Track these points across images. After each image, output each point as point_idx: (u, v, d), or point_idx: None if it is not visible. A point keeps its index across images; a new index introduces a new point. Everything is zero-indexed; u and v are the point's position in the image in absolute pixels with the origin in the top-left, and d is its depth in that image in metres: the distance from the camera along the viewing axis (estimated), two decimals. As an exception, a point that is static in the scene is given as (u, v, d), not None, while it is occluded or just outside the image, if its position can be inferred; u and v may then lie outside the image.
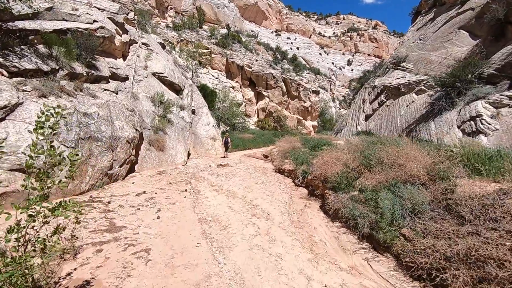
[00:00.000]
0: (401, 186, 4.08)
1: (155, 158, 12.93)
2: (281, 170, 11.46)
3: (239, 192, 7.78)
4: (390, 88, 17.22)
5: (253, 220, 5.39)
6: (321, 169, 6.63)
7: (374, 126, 17.00)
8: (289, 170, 10.44)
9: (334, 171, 6.14)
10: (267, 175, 10.87)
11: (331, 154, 6.86)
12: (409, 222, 3.55)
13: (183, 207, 6.18)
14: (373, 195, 4.39)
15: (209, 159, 16.95)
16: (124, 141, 10.08)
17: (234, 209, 6.16)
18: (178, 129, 16.32)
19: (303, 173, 8.49)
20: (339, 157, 6.62)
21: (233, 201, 6.88)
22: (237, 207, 6.38)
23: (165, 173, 10.97)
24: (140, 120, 12.60)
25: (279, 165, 11.71)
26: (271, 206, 6.36)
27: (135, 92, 15.21)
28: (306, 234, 4.71)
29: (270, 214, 5.72)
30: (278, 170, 11.65)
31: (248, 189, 8.10)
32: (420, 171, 4.13)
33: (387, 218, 3.76)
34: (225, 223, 5.21)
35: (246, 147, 26.03)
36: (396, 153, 4.86)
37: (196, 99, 23.38)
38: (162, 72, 18.47)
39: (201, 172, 11.81)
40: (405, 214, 3.66)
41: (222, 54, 41.69)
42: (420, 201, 3.62)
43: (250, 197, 7.14)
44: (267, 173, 11.62)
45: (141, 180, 9.20)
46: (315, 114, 44.91)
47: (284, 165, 11.27)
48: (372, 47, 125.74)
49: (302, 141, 14.92)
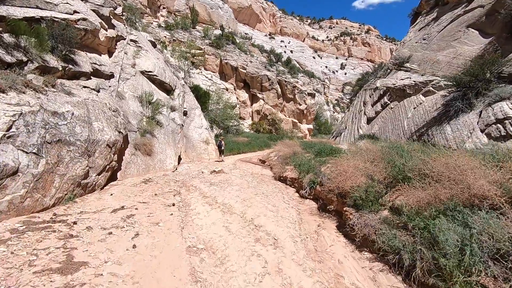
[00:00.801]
0: (464, 210, 2.98)
1: (142, 164, 11.63)
2: (281, 178, 10.30)
3: (237, 206, 6.57)
4: (394, 89, 16.29)
5: (257, 248, 4.20)
6: (337, 181, 5.50)
7: (378, 130, 16.01)
8: (291, 179, 9.29)
9: (355, 183, 5.02)
10: (266, 184, 9.69)
11: (348, 163, 5.74)
12: (494, 269, 2.45)
13: (168, 229, 4.93)
14: (423, 222, 3.27)
15: (202, 164, 15.70)
16: (104, 145, 8.78)
17: (232, 231, 4.95)
18: (168, 132, 15.04)
19: (311, 183, 7.36)
20: (358, 166, 5.50)
21: (230, 219, 5.67)
22: (235, 227, 5.17)
23: (152, 181, 9.68)
24: (125, 122, 11.31)
25: (280, 172, 10.55)
26: (277, 227, 5.17)
27: (120, 91, 13.92)
28: (331, 272, 3.55)
29: (278, 240, 4.53)
30: (279, 177, 10.48)
31: (247, 202, 6.90)
32: (490, 189, 3.04)
33: (454, 259, 2.65)
34: (221, 253, 4.00)
35: (240, 151, 24.82)
36: (444, 164, 3.76)
37: (188, 100, 22.12)
38: (151, 70, 17.20)
39: (192, 179, 10.56)
40: (484, 255, 2.56)
41: (215, 55, 40.52)
42: (506, 237, 2.52)
43: (251, 214, 5.94)
44: (266, 181, 10.44)
45: (122, 190, 7.91)
46: (311, 117, 44.01)
47: (285, 173, 10.12)
48: (365, 51, 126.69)
49: (303, 146, 13.81)
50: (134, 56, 17.18)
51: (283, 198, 7.53)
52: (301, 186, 8.16)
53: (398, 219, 3.84)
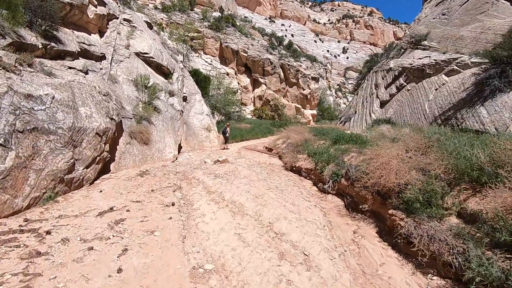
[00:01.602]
0: None
1: (138, 154, 10.54)
2: (294, 168, 9.23)
3: (249, 205, 5.52)
4: (411, 70, 14.95)
5: (284, 270, 3.13)
6: (375, 175, 4.41)
7: (393, 114, 14.79)
8: (307, 169, 8.21)
9: (403, 179, 3.93)
10: (278, 176, 8.62)
11: (388, 153, 4.62)
12: None
13: (166, 240, 3.88)
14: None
15: (204, 153, 14.61)
16: (93, 133, 7.66)
17: (247, 242, 3.91)
18: (166, 118, 13.87)
19: (334, 176, 6.28)
20: (402, 157, 4.39)
21: (242, 223, 4.63)
22: (251, 236, 4.12)
23: (149, 173, 8.61)
24: (118, 107, 10.13)
25: (291, 161, 9.46)
26: (304, 236, 4.10)
27: (113, 74, 12.67)
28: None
29: (309, 256, 3.48)
30: (290, 168, 9.41)
31: (261, 199, 5.84)
32: None
33: None
34: (236, 278, 2.94)
35: (243, 138, 23.68)
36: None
37: (188, 85, 20.80)
38: (147, 52, 15.84)
39: (194, 170, 9.50)
40: None
41: (215, 38, 38.67)
42: None
43: (268, 216, 4.88)
44: (276, 171, 9.37)
45: (114, 186, 6.85)
46: (315, 102, 42.56)
47: (298, 162, 9.03)
48: (367, 35, 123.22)
49: (313, 132, 12.66)
50: (128, 37, 15.80)
51: (301, 194, 6.48)
52: (320, 178, 7.09)
53: (478, 231, 2.78)
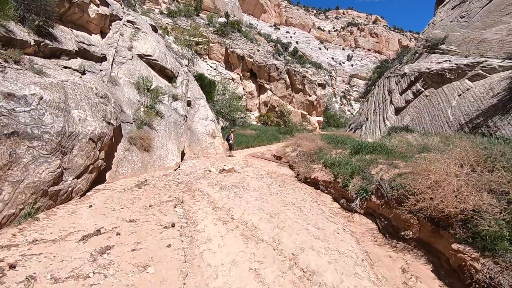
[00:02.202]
0: None
1: (137, 161, 9.71)
2: (308, 180, 8.31)
3: (264, 227, 4.61)
4: (429, 74, 14.05)
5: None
6: (426, 196, 3.51)
7: (410, 121, 13.84)
8: (325, 182, 7.29)
9: (469, 203, 3.02)
10: (292, 188, 7.71)
11: (440, 168, 3.70)
12: None
13: (161, 281, 2.98)
14: None
15: (208, 161, 13.77)
16: (86, 139, 6.84)
17: (268, 284, 2.99)
18: (169, 124, 13.08)
19: (361, 192, 5.36)
20: (458, 174, 3.50)
21: (258, 253, 3.72)
22: (271, 274, 3.20)
23: (148, 183, 7.75)
24: (117, 111, 9.35)
25: (305, 172, 8.55)
26: (341, 276, 3.16)
27: (114, 76, 11.95)
28: None
29: (356, 310, 2.61)
30: (304, 179, 8.49)
31: (277, 219, 4.93)
32: None
33: None
34: None
35: (249, 144, 22.83)
36: None
37: (192, 89, 20.09)
38: (150, 54, 15.17)
39: (198, 181, 8.63)
40: None
41: (220, 43, 38.19)
42: None
43: (289, 244, 3.96)
44: (289, 183, 8.46)
45: (107, 199, 5.99)
46: (321, 109, 41.72)
47: (314, 173, 8.12)
48: (372, 42, 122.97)
49: (326, 140, 11.77)
50: (131, 39, 15.15)
51: (323, 212, 5.56)
52: (342, 193, 6.18)
53: None
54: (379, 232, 4.63)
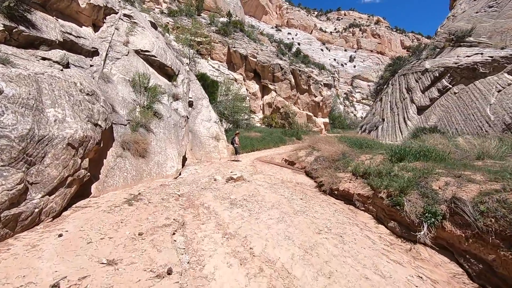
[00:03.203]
0: None
1: (131, 170, 8.32)
2: (336, 192, 6.91)
3: (300, 272, 3.20)
4: (458, 69, 12.58)
5: None
6: None
7: (437, 121, 12.37)
8: (361, 196, 5.88)
9: None
10: (317, 202, 6.31)
11: None
12: None
13: None
14: None
15: (213, 166, 12.38)
16: (63, 144, 5.47)
17: None
18: (169, 126, 11.72)
19: (428, 215, 3.92)
20: None
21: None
22: None
23: (141, 198, 6.36)
24: (107, 111, 7.98)
25: (330, 182, 7.15)
26: None
27: (107, 73, 10.64)
28: None
29: None
30: (330, 190, 7.09)
31: (315, 256, 3.53)
32: None
33: None
34: None
35: (254, 148, 21.45)
36: None
37: (194, 89, 18.75)
38: (149, 50, 13.85)
39: (202, 193, 7.23)
40: None
41: (223, 42, 36.92)
42: None
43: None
44: (311, 195, 7.04)
45: (84, 223, 4.60)
46: (327, 110, 40.31)
47: (342, 184, 6.71)
48: (374, 43, 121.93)
49: (347, 143, 10.35)
50: (127, 33, 13.83)
51: (373, 242, 4.12)
52: (389, 213, 4.78)
53: None
54: (471, 281, 3.22)
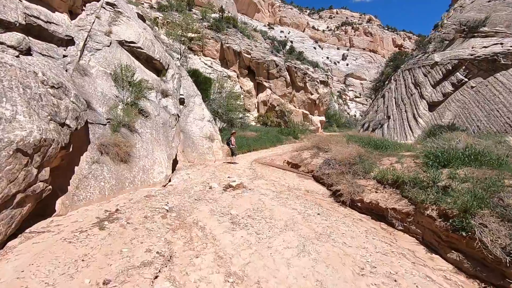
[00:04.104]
0: None
1: (110, 178, 6.96)
2: (359, 204, 5.71)
3: None
4: (475, 61, 11.48)
5: None
6: None
7: (453, 118, 11.26)
8: (397, 212, 4.69)
9: None
10: (339, 219, 5.09)
11: None
12: None
13: None
14: None
15: (207, 170, 11.06)
16: (9, 150, 4.11)
17: None
18: (157, 125, 10.36)
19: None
20: None
21: None
22: None
23: (118, 217, 5.03)
24: (79, 107, 6.59)
25: (349, 191, 5.94)
26: None
27: (84, 65, 9.23)
28: None
29: None
30: (351, 202, 5.87)
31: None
32: None
33: None
34: None
35: (251, 148, 20.19)
36: None
37: (185, 85, 17.37)
38: (134, 41, 12.43)
39: (196, 206, 5.94)
40: None
41: (215, 38, 35.44)
42: None
43: None
44: (328, 207, 5.83)
45: (28, 265, 3.28)
46: (323, 108, 39.29)
47: (367, 194, 5.51)
48: (367, 42, 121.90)
49: (359, 143, 9.15)
50: (110, 23, 12.39)
51: None
52: (450, 238, 3.60)
53: None
54: None
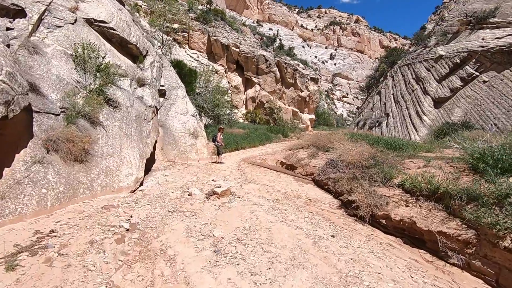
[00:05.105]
0: None
1: (57, 183, 5.34)
2: (383, 221, 4.38)
3: None
4: (488, 53, 10.40)
5: None
6: None
7: (463, 115, 10.18)
8: (448, 237, 3.41)
9: None
10: (364, 245, 3.77)
11: None
12: None
13: None
14: None
15: (188, 172, 9.52)
16: None
17: None
18: (129, 118, 8.72)
19: None
20: None
21: None
22: None
23: (47, 245, 3.47)
24: (16, 90, 4.94)
25: (371, 203, 4.60)
26: None
27: (36, 41, 7.53)
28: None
29: None
30: (371, 217, 4.53)
31: None
32: None
33: None
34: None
35: (238, 146, 18.71)
36: None
37: (168, 76, 15.68)
38: (105, 20, 10.69)
39: (167, 221, 4.45)
40: None
41: (202, 30, 33.59)
42: None
43: None
44: (340, 224, 4.49)
45: None
46: (313, 106, 38.23)
47: (396, 209, 4.19)
48: (354, 42, 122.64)
49: (366, 141, 7.88)
50: (77, 0, 10.61)
51: None
52: None
53: None
54: None
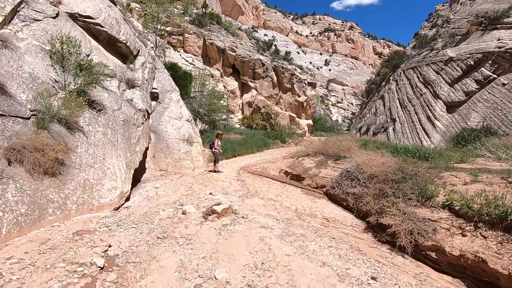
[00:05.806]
0: None
1: (18, 203, 4.29)
2: (433, 254, 3.44)
3: None
4: (507, 54, 9.64)
5: None
6: None
7: (482, 120, 9.35)
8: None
9: None
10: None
11: None
12: None
13: None
14: None
15: (183, 183, 8.48)
16: None
17: None
18: (115, 122, 7.69)
19: None
20: None
21: None
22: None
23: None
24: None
25: (410, 229, 3.60)
26: None
27: (6, 34, 6.49)
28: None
29: None
30: (415, 248, 3.60)
31: None
32: None
33: None
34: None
35: (236, 152, 17.73)
36: None
37: (161, 79, 14.67)
38: (91, 15, 9.68)
39: (155, 252, 3.44)
40: None
41: (198, 34, 32.74)
42: None
43: None
44: (374, 255, 3.57)
45: None
46: (311, 111, 37.49)
47: (449, 240, 3.22)
48: (349, 48, 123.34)
49: (380, 149, 6.98)
50: (61, -7, 9.58)
51: None
52: None
53: None
54: None
